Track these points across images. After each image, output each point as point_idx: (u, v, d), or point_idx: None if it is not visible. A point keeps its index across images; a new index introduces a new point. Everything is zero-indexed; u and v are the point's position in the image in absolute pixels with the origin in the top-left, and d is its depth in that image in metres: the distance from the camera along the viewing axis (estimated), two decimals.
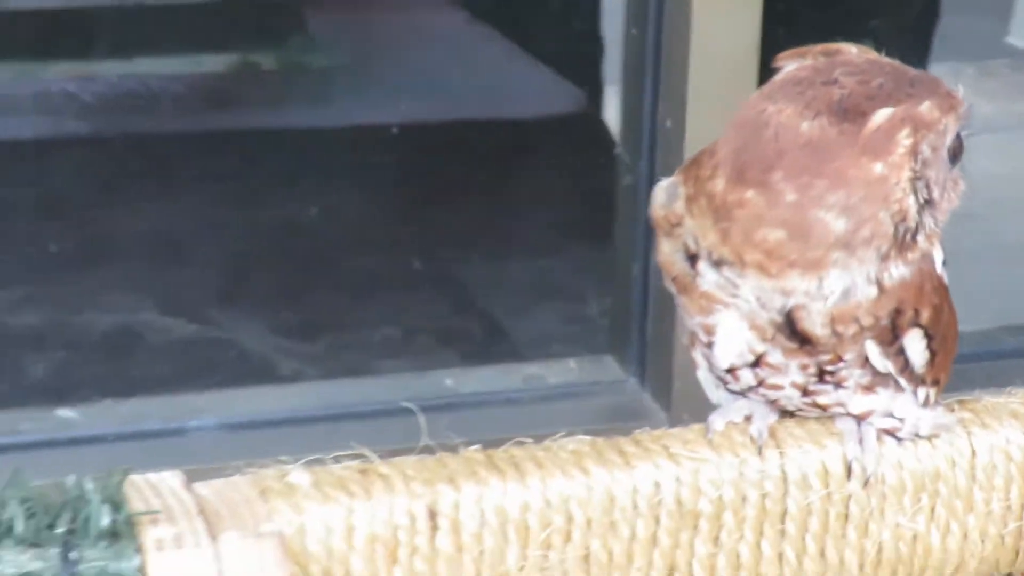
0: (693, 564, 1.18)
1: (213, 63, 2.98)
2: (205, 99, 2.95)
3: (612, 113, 2.72)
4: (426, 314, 2.51)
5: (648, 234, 1.90)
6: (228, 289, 2.57)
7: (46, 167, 2.74)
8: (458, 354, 2.33)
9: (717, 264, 1.12)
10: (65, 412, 2.01)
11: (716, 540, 1.18)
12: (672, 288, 1.19)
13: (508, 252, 2.59)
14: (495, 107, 2.95)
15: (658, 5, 1.86)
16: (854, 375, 1.16)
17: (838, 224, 1.08)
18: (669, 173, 1.79)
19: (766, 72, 1.75)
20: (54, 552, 1.04)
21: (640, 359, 1.93)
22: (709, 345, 1.18)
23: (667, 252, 1.17)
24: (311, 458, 1.17)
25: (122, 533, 1.06)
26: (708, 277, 1.14)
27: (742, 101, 1.75)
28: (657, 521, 1.16)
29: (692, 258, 1.15)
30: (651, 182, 1.85)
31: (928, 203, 1.11)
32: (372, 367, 2.34)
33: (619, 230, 1.97)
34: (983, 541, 1.23)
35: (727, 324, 1.15)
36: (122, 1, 3.05)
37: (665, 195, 1.18)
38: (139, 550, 1.05)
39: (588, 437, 1.20)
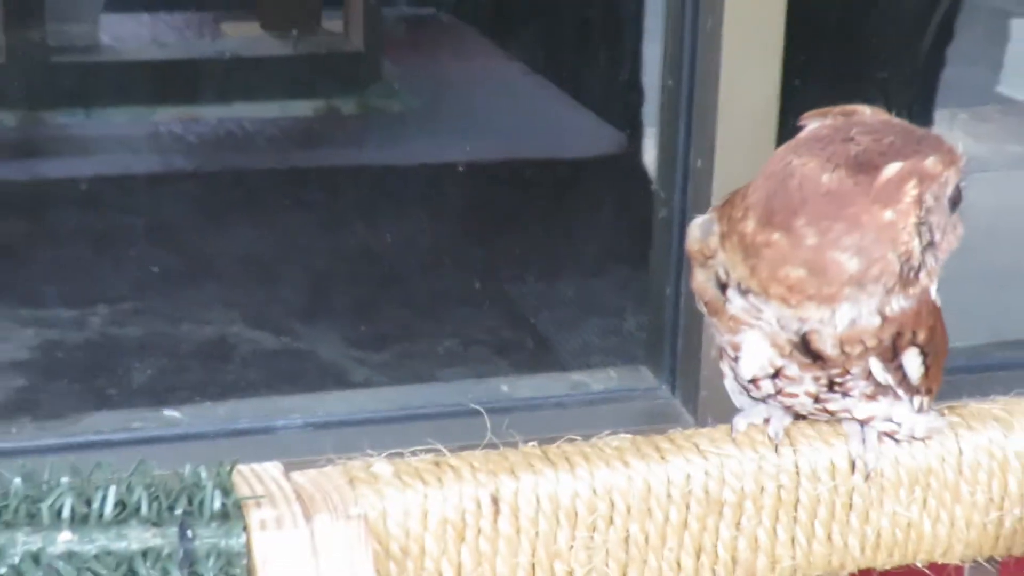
0: (718, 546, 1.20)
1: (301, 108, 3.01)
2: (294, 139, 2.97)
3: (649, 154, 2.74)
4: (484, 328, 2.48)
5: (680, 261, 1.90)
6: (309, 306, 2.55)
7: (155, 198, 2.76)
8: (512, 363, 2.32)
9: (744, 292, 1.15)
10: (170, 412, 2.00)
11: (738, 525, 1.20)
12: (704, 310, 1.22)
13: (557, 275, 2.58)
14: (547, 148, 2.96)
15: (691, 60, 1.84)
16: (859, 386, 1.18)
17: (852, 264, 1.10)
18: (699, 208, 1.81)
19: (785, 119, 1.78)
20: (173, 531, 1.06)
21: (671, 369, 1.92)
22: (735, 359, 1.20)
23: (701, 280, 1.20)
24: (392, 452, 1.19)
25: (231, 515, 1.08)
26: (736, 303, 1.16)
27: (764, 144, 1.78)
28: (687, 508, 1.18)
29: (723, 286, 1.17)
30: (684, 215, 1.87)
31: (931, 245, 1.14)
32: (436, 375, 2.34)
33: (655, 257, 1.96)
34: (968, 528, 1.25)
35: (751, 342, 1.18)
36: (220, 54, 3.07)
37: (700, 231, 1.20)
38: (245, 529, 1.07)
39: (628, 435, 1.22)
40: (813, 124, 1.17)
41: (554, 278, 2.57)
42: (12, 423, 2.05)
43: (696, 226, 1.21)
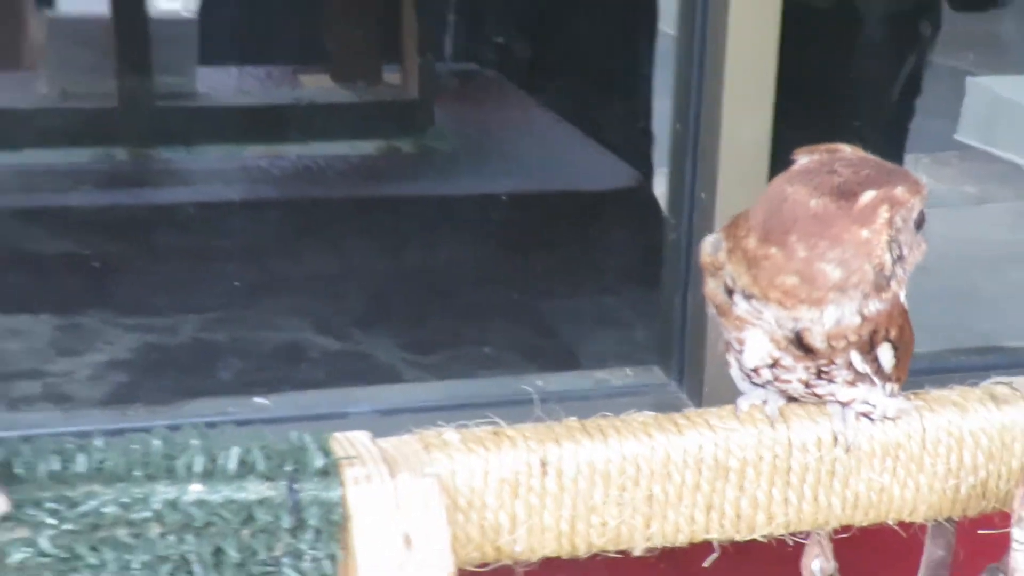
0: (724, 504, 1.23)
1: (365, 147, 3.00)
2: (359, 174, 2.95)
3: (659, 187, 2.75)
4: (518, 336, 2.48)
5: (687, 277, 1.89)
6: (368, 315, 2.55)
7: (242, 223, 2.76)
8: (542, 365, 2.32)
9: (748, 297, 1.19)
10: (260, 399, 2.01)
11: (741, 487, 1.23)
12: (713, 311, 1.26)
13: (581, 290, 2.58)
14: (572, 182, 2.94)
15: (696, 110, 1.83)
16: (842, 374, 1.22)
17: (835, 273, 1.15)
18: (703, 233, 1.82)
19: (774, 159, 1.80)
20: (283, 484, 1.11)
21: (679, 369, 1.91)
22: (740, 352, 1.24)
23: (711, 287, 1.24)
24: (459, 424, 1.22)
25: (330, 472, 1.12)
26: (741, 306, 1.20)
27: (757, 179, 1.80)
28: (700, 472, 1.21)
29: (729, 292, 1.21)
30: (690, 239, 1.87)
31: (900, 258, 1.19)
32: (478, 374, 2.34)
33: (666, 274, 1.95)
34: (930, 493, 1.28)
35: (753, 338, 1.22)
36: (298, 101, 3.08)
37: (711, 247, 1.24)
38: (341, 484, 1.12)
39: (651, 412, 1.26)
40: (803, 158, 1.22)
41: (579, 294, 2.58)
42: (127, 407, 2.06)
43: (707, 243, 1.25)
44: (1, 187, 2.88)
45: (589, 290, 2.60)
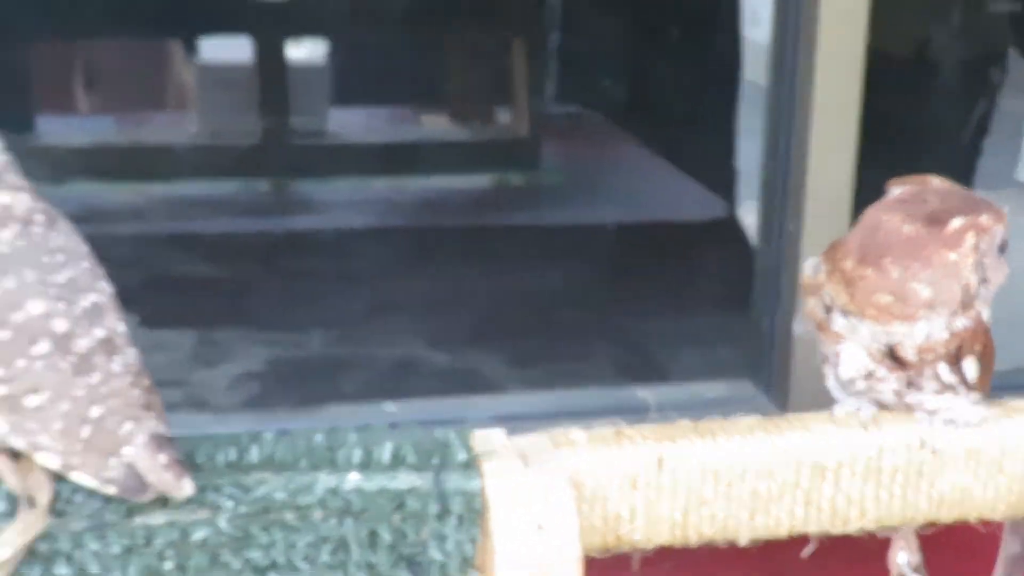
0: (821, 500, 1.23)
1: (480, 180, 3.03)
2: (474, 204, 3.00)
3: (746, 219, 2.77)
4: (618, 351, 2.48)
5: (775, 300, 1.91)
6: (477, 333, 2.56)
7: (369, 247, 2.80)
8: (648, 378, 2.33)
9: (845, 314, 1.21)
10: (388, 406, 2.02)
11: (837, 485, 1.23)
12: (813, 327, 1.27)
13: (675, 311, 2.57)
14: (667, 212, 2.96)
15: (786, 150, 1.84)
16: (930, 384, 1.22)
17: (926, 292, 1.17)
18: (791, 261, 1.85)
19: (856, 195, 1.80)
20: (430, 475, 1.13)
21: (767, 382, 1.91)
22: (837, 364, 1.25)
23: (812, 305, 1.25)
24: (583, 425, 1.24)
25: (471, 465, 1.15)
26: (839, 322, 1.22)
27: (840, 213, 1.80)
28: (799, 471, 1.22)
29: (828, 310, 1.23)
30: (779, 266, 1.89)
31: (984, 280, 1.20)
32: (577, 387, 2.33)
33: (755, 297, 1.96)
34: (1009, 493, 1.27)
35: (849, 351, 1.23)
36: (420, 139, 3.11)
37: (812, 269, 1.25)
38: (481, 476, 1.14)
39: (758, 416, 1.27)
40: (896, 189, 1.23)
41: (681, 316, 2.57)
42: (271, 411, 2.09)
43: (808, 266, 1.26)
44: (154, 214, 2.92)
45: (682, 311, 2.59)
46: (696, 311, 2.59)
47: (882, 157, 2.00)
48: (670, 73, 3.22)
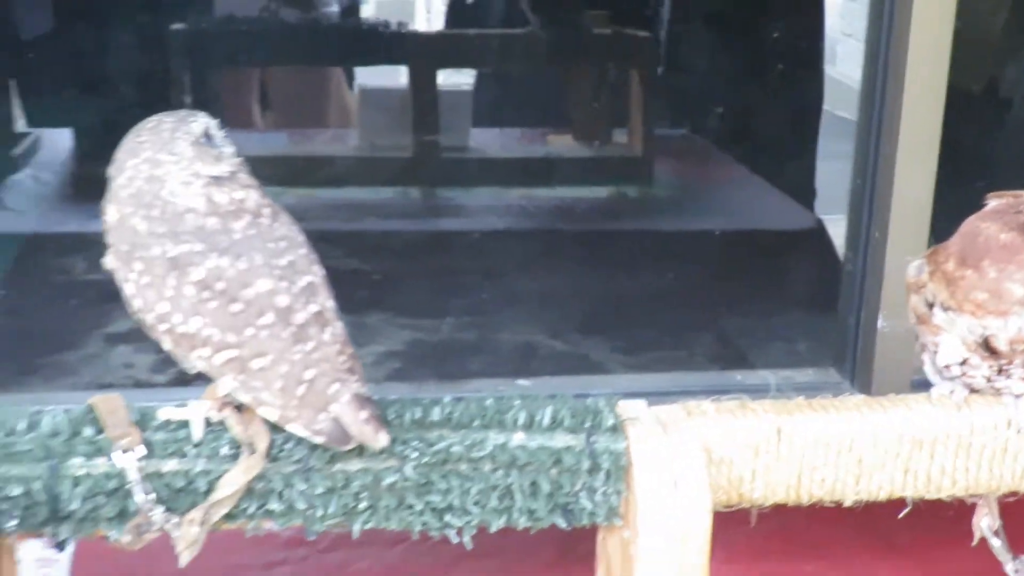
0: (918, 470, 1.22)
1: (599, 192, 3.01)
2: (593, 213, 2.96)
3: (832, 228, 2.72)
4: (715, 341, 2.43)
5: (860, 300, 1.88)
6: (590, 325, 2.50)
7: (502, 247, 2.78)
8: (743, 365, 2.28)
9: (945, 309, 1.20)
10: (522, 381, 2.01)
11: (932, 456, 1.22)
12: (914, 321, 1.26)
13: (775, 309, 2.51)
14: (761, 222, 2.90)
15: (874, 168, 1.81)
16: (1018, 372, 1.21)
17: (1019, 290, 1.16)
18: (875, 265, 1.81)
19: (936, 209, 1.77)
20: (583, 436, 1.15)
21: (852, 371, 1.88)
22: (935, 352, 1.24)
23: (915, 301, 1.25)
24: (712, 398, 1.24)
25: (618, 429, 1.16)
26: (939, 316, 1.21)
27: (921, 224, 1.77)
28: (900, 443, 1.21)
29: (930, 305, 1.22)
30: (864, 270, 1.86)
31: None
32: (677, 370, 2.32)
33: (842, 297, 1.92)
34: None
35: (947, 342, 1.22)
36: (547, 155, 3.11)
37: (915, 270, 1.25)
38: (626, 439, 1.15)
39: (864, 395, 1.26)
40: (993, 201, 1.22)
41: (772, 314, 2.50)
42: (420, 384, 2.08)
43: (912, 267, 1.26)
44: (320, 216, 2.93)
45: (774, 308, 2.53)
46: (787, 308, 2.52)
47: (956, 177, 1.98)
48: (763, 102, 3.18)
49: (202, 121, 1.07)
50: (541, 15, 3.07)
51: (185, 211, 1.04)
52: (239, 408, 1.10)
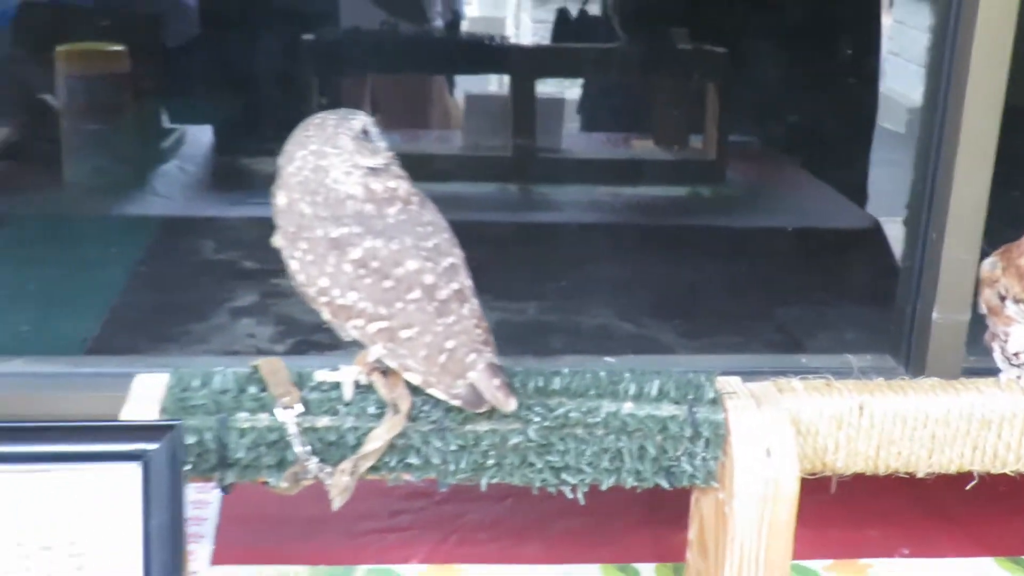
0: (986, 446, 1.21)
1: (677, 191, 3.00)
2: (672, 210, 2.96)
3: (888, 228, 2.68)
4: (777, 329, 2.40)
5: (917, 293, 1.85)
6: (658, 310, 2.48)
7: (585, 239, 2.76)
8: (809, 350, 2.28)
9: (1017, 302, 1.19)
10: (609, 359, 1.99)
11: (999, 435, 1.20)
12: (985, 312, 1.25)
13: (834, 301, 2.48)
14: (823, 221, 2.87)
15: (933, 174, 1.77)
16: None
17: None
18: (932, 263, 1.78)
19: (990, 211, 1.74)
20: (686, 407, 1.14)
21: (907, 357, 1.83)
22: (1005, 341, 1.22)
23: (988, 294, 1.23)
24: (799, 376, 1.24)
25: (717, 400, 1.15)
26: (1011, 308, 1.20)
27: (976, 226, 1.74)
28: (970, 422, 1.20)
29: (1002, 298, 1.20)
30: (922, 266, 1.84)
31: None
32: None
33: (900, 290, 1.89)
34: None
35: (1017, 332, 1.21)
36: (630, 158, 3.10)
37: (990, 266, 1.23)
38: (724, 410, 1.15)
39: (937, 378, 1.24)
40: None
41: (831, 305, 2.48)
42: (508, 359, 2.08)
43: (987, 263, 1.24)
44: None
45: (833, 299, 2.50)
46: (845, 299, 2.48)
47: (1007, 183, 1.94)
48: (824, 113, 3.14)
49: (360, 119, 1.09)
50: (629, 32, 3.08)
51: (345, 198, 1.05)
52: (385, 373, 1.11)
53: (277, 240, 1.07)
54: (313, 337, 2.19)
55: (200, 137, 3.30)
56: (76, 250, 2.54)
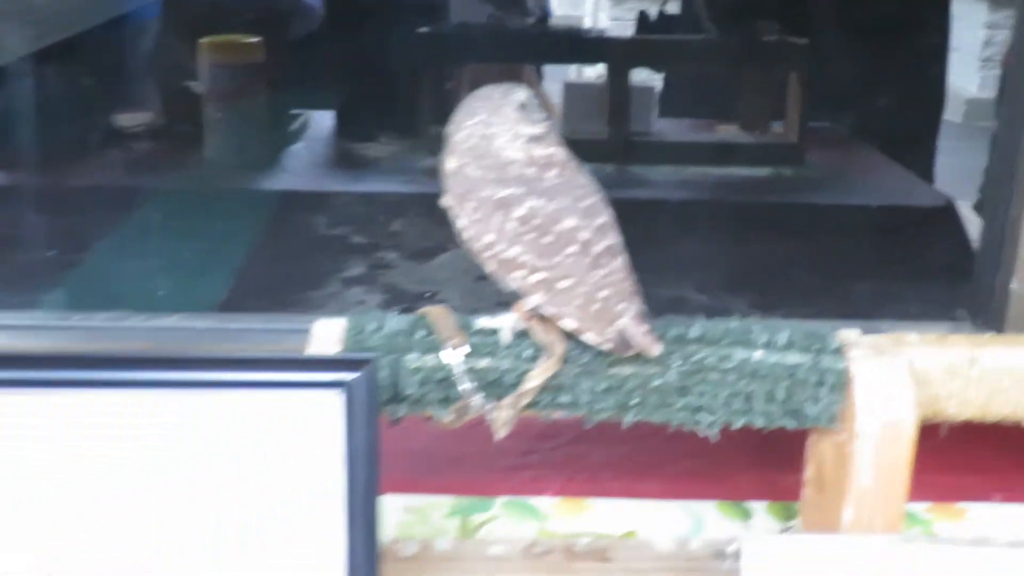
0: None
1: (760, 172, 2.99)
2: (756, 188, 2.93)
3: (960, 207, 2.65)
4: (871, 303, 2.34)
5: (997, 264, 1.83)
6: (732, 283, 2.45)
7: (670, 217, 2.74)
8: (890, 316, 2.19)
9: None
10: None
11: None
12: None
13: (913, 273, 2.43)
14: (898, 200, 2.84)
15: (1013, 154, 1.76)
16: None
17: None
18: (1011, 238, 1.76)
19: None
20: (811, 355, 1.15)
21: (985, 324, 1.79)
22: None
23: None
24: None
25: (840, 350, 1.16)
26: None
27: None
28: None
29: None
30: (1002, 240, 1.81)
31: None
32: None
33: (979, 263, 1.87)
34: None
35: None
36: (715, 142, 3.08)
37: None
38: (847, 359, 1.15)
39: None
40: None
41: (903, 276, 2.43)
42: None
43: None
44: None
45: (912, 271, 2.45)
46: (923, 271, 2.42)
47: None
48: (897, 100, 3.13)
49: (521, 92, 1.11)
50: (717, 24, 3.07)
51: (509, 162, 1.08)
52: (541, 320, 1.13)
53: (446, 200, 1.10)
54: (416, 305, 2.25)
55: (322, 122, 3.36)
56: (210, 222, 2.60)
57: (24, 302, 1.91)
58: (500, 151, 1.08)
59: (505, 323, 1.14)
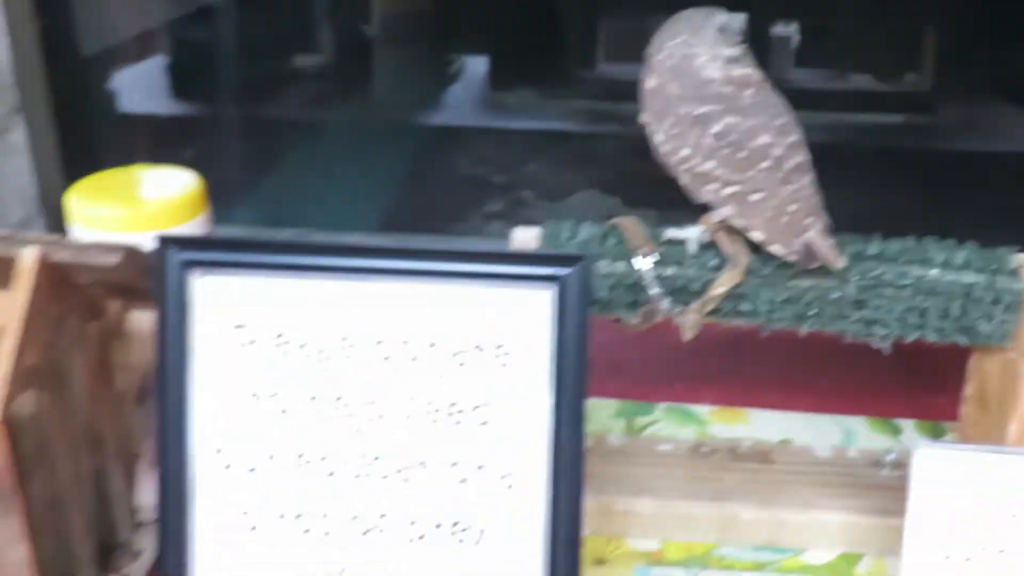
0: None
1: (893, 118, 2.87)
2: (890, 135, 2.85)
3: None
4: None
5: None
6: (862, 226, 2.39)
7: (823, 161, 2.67)
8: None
9: None
10: None
11: None
12: None
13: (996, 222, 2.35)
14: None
15: None
16: None
17: None
18: None
19: None
20: (987, 275, 1.10)
21: None
22: None
23: None
24: None
25: (1016, 272, 1.11)
26: None
27: None
28: None
29: None
30: None
31: None
32: None
33: None
34: None
35: None
36: (857, 88, 2.97)
37: None
38: (1022, 280, 1.10)
39: None
40: None
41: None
42: None
43: None
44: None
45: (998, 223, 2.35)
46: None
47: None
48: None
49: (721, 15, 1.08)
50: None
51: (708, 81, 1.05)
52: (728, 231, 1.11)
53: (645, 117, 1.08)
54: None
55: (475, 67, 3.35)
56: (372, 156, 2.64)
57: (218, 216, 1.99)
58: (700, 70, 1.06)
59: (692, 234, 1.12)
